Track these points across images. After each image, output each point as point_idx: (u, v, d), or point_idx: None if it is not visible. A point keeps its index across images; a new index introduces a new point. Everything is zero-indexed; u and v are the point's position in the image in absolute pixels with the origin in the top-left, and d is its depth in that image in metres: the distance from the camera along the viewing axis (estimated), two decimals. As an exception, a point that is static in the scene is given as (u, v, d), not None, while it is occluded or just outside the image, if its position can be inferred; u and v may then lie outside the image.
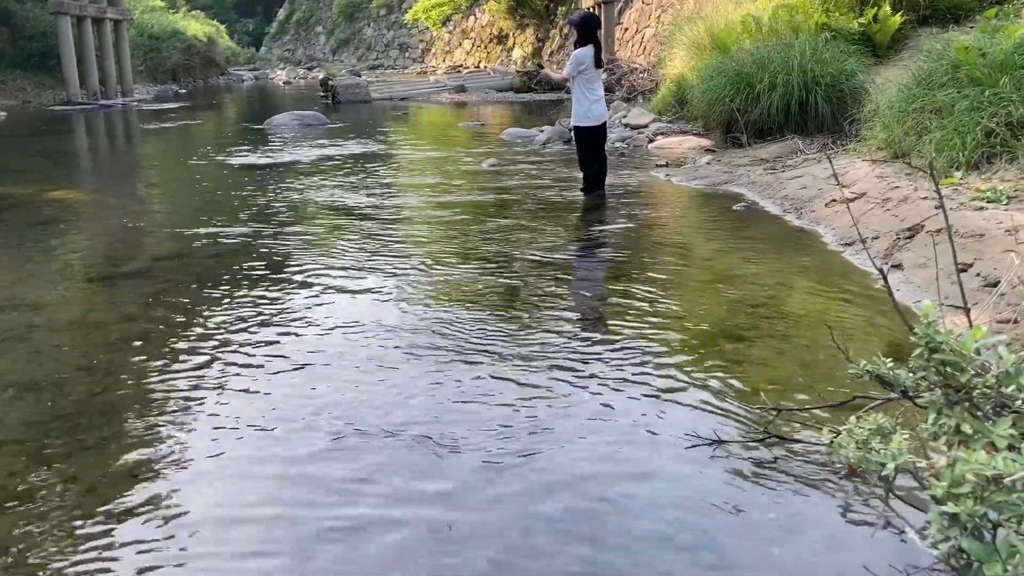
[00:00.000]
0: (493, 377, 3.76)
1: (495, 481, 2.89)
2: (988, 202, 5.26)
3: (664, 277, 5.40)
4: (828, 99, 9.11)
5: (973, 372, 1.79)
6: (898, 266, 5.07)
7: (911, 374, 2.03)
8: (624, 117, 13.97)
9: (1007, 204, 5.15)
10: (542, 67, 9.94)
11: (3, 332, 4.60)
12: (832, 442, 2.26)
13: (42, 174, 11.14)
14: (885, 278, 2.37)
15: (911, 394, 2.20)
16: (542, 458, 3.04)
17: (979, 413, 1.91)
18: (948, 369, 1.81)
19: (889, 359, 2.31)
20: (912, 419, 2.47)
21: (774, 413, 3.17)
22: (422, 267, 5.79)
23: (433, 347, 4.15)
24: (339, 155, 12.17)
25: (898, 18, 9.79)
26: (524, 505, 2.75)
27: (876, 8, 9.93)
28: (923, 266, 4.87)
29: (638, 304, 4.77)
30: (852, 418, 2.36)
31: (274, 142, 14.14)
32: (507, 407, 3.46)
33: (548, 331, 4.35)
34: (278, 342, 4.32)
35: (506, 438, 3.19)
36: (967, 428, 1.77)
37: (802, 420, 3.20)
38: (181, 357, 4.14)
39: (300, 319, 4.68)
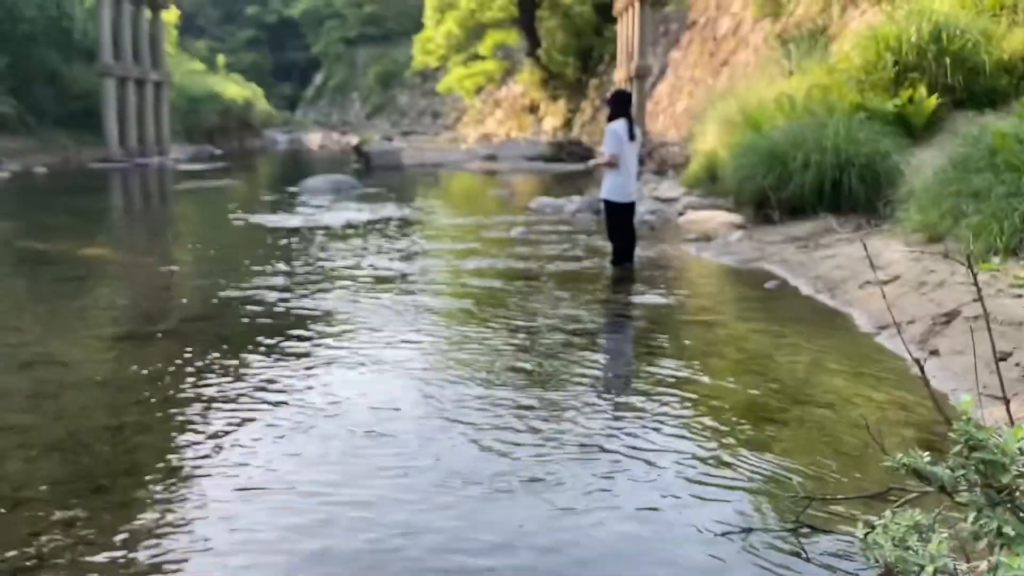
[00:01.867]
0: (514, 457, 3.69)
1: (517, 552, 2.81)
2: (1027, 289, 5.17)
3: (693, 355, 5.34)
4: (862, 179, 9.10)
5: (1016, 472, 1.72)
6: (934, 352, 4.97)
7: (950, 470, 1.96)
8: (655, 190, 14.05)
9: (1047, 292, 5.06)
10: (588, 159, 10.06)
11: (33, 389, 4.61)
12: (867, 536, 2.18)
13: (78, 230, 11.35)
14: (921, 368, 2.31)
15: (949, 490, 2.12)
16: (565, 540, 2.96)
17: (1022, 514, 1.83)
18: (989, 468, 1.74)
19: (926, 452, 2.24)
20: (950, 515, 2.38)
21: (806, 502, 3.07)
22: (449, 336, 5.77)
23: (456, 422, 4.10)
24: (370, 219, 12.30)
25: (933, 100, 9.82)
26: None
27: (911, 90, 9.98)
28: (960, 353, 4.77)
29: (666, 382, 4.71)
30: (887, 512, 2.27)
31: (307, 205, 14.34)
32: (532, 483, 3.39)
33: (574, 408, 4.29)
34: (302, 409, 4.28)
35: (528, 520, 3.12)
36: (1010, 530, 1.69)
37: (834, 511, 3.10)
38: (207, 420, 4.11)
39: (325, 386, 4.65)
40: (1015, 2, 10.80)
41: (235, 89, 41.07)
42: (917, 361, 2.48)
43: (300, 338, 5.65)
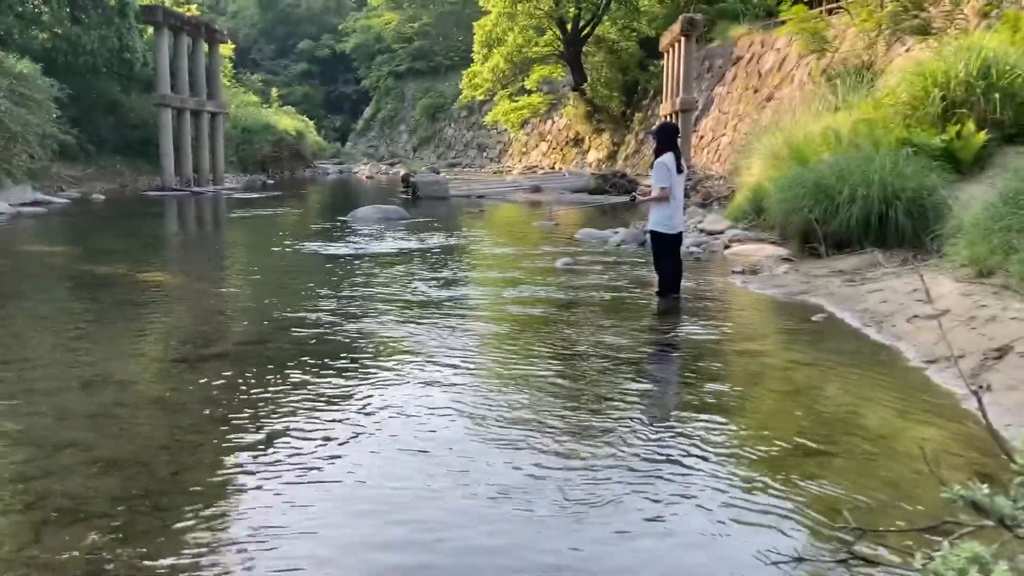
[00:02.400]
0: (564, 481, 3.73)
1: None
2: (1081, 325, 5.10)
3: (740, 385, 5.34)
4: (909, 213, 9.03)
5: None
6: (986, 387, 4.92)
7: (1012, 502, 1.97)
8: (700, 222, 14.04)
9: (1102, 328, 4.99)
10: (635, 198, 10.15)
11: (92, 407, 4.77)
12: (925, 567, 2.18)
13: (135, 255, 11.66)
14: (979, 400, 2.32)
15: (1009, 523, 2.12)
16: (622, 566, 2.99)
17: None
18: (1051, 500, 1.75)
19: (984, 484, 2.24)
20: (1008, 548, 2.37)
21: (858, 533, 3.07)
22: (494, 364, 5.84)
23: (505, 445, 4.15)
24: (417, 248, 12.47)
25: (982, 136, 9.73)
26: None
27: (959, 125, 9.90)
28: (1014, 388, 4.71)
29: (713, 411, 4.72)
30: (945, 544, 2.28)
31: (356, 233, 14.57)
32: (577, 513, 3.43)
33: (620, 437, 4.32)
34: (354, 430, 4.37)
35: (584, 543, 3.16)
36: (1073, 563, 1.70)
37: (885, 543, 3.09)
38: (259, 441, 4.22)
39: (375, 409, 4.74)
40: (1067, 37, 10.69)
41: (288, 121, 41.96)
42: (975, 393, 2.49)
43: (350, 361, 5.76)
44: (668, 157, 7.93)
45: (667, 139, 8.12)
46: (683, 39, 24.22)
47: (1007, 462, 2.53)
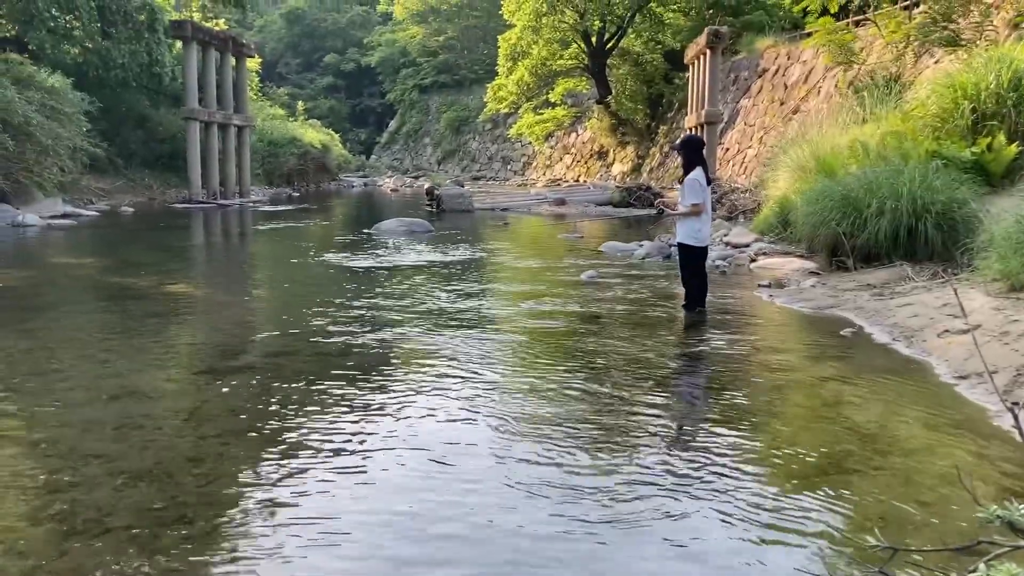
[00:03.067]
0: (583, 502, 3.70)
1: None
2: (1118, 341, 5.00)
3: (769, 400, 5.28)
4: (938, 227, 8.92)
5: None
6: (1019, 403, 4.82)
7: (1051, 524, 1.91)
8: (725, 236, 13.96)
9: None
10: (663, 211, 10.15)
11: (119, 419, 4.79)
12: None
13: (162, 267, 11.77)
14: (1016, 418, 2.27)
15: (1047, 545, 2.07)
16: (642, 583, 2.96)
17: None
18: (1094, 522, 1.70)
19: (1022, 505, 2.19)
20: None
21: (890, 552, 3.01)
22: (520, 377, 5.81)
23: (523, 461, 4.13)
24: (441, 261, 12.49)
25: (1014, 148, 9.61)
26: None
27: (990, 137, 9.79)
28: (1047, 405, 4.62)
29: (742, 426, 4.67)
30: (981, 565, 2.23)
31: (381, 246, 14.63)
32: (600, 532, 3.39)
33: (647, 452, 4.28)
34: (380, 442, 4.37)
35: (614, 561, 3.12)
36: (1116, 588, 1.65)
37: (917, 561, 3.03)
38: (284, 452, 4.22)
39: (401, 422, 4.73)
40: (1100, 49, 10.55)
41: (313, 134, 42.31)
42: (1011, 410, 2.43)
43: (375, 373, 5.77)
44: (699, 172, 7.92)
45: (697, 153, 8.09)
46: (708, 51, 24.18)
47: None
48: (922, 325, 6.86)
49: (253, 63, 37.76)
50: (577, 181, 41.04)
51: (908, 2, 17.00)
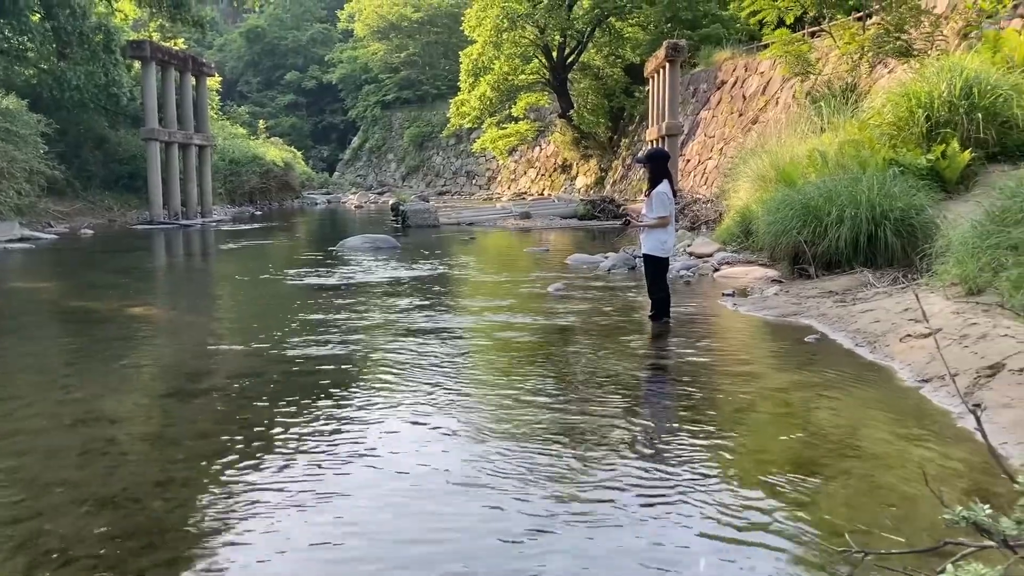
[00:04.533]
0: (551, 513, 3.71)
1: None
2: (1073, 341, 5.12)
3: (736, 409, 5.33)
4: (897, 233, 9.09)
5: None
6: (980, 405, 4.91)
7: (1015, 523, 1.95)
8: (688, 246, 14.08)
9: (1093, 344, 5.00)
10: (628, 222, 10.23)
11: (83, 445, 4.71)
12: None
13: (124, 290, 11.61)
14: (979, 420, 2.31)
15: (1012, 544, 2.11)
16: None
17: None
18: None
19: (986, 505, 2.23)
20: (1013, 569, 2.35)
21: (859, 557, 3.05)
22: (489, 393, 5.81)
23: (493, 476, 4.12)
24: (408, 277, 12.45)
25: (967, 155, 9.82)
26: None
27: (944, 145, 9.99)
28: (1007, 406, 4.72)
29: (710, 436, 4.70)
30: (948, 566, 2.26)
31: (346, 263, 14.55)
32: (573, 545, 3.40)
33: (615, 465, 4.30)
34: (348, 464, 4.34)
35: None
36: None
37: (888, 565, 3.07)
38: (254, 475, 4.18)
39: (369, 441, 4.71)
40: (1047, 57, 10.83)
41: (275, 152, 42.04)
42: (974, 412, 2.48)
43: (342, 393, 5.73)
44: (666, 185, 8.03)
45: (661, 166, 8.18)
46: (667, 65, 24.44)
47: (1005, 481, 2.52)
48: (884, 330, 6.97)
49: (213, 82, 37.49)
50: (542, 195, 41.21)
51: (862, 13, 17.33)
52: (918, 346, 6.23)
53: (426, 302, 9.94)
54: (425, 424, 4.99)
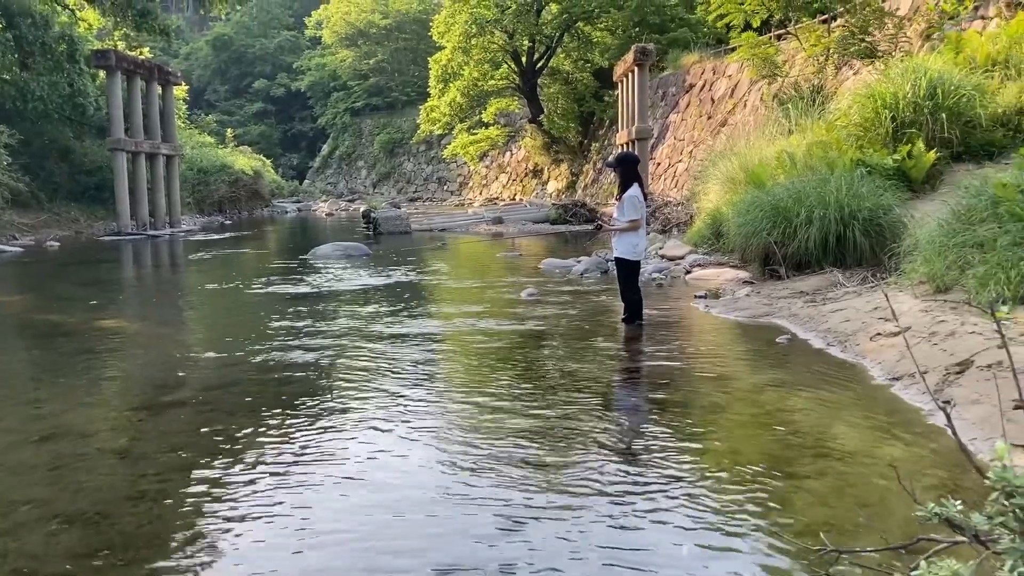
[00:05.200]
0: (526, 518, 3.69)
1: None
2: (1038, 337, 5.19)
3: (709, 410, 5.35)
4: (866, 232, 9.19)
5: (1054, 518, 1.73)
6: (949, 401, 4.97)
7: (987, 519, 1.97)
8: (660, 249, 14.15)
9: (1058, 339, 5.08)
10: (601, 226, 10.22)
11: (51, 461, 4.63)
12: (903, 588, 2.17)
13: (93, 302, 11.44)
14: (948, 417, 2.33)
15: (984, 539, 2.12)
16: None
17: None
18: (1027, 515, 1.76)
19: (958, 501, 2.25)
20: (985, 565, 2.37)
21: (835, 556, 3.06)
22: (464, 400, 5.79)
23: (468, 485, 4.11)
24: (380, 284, 12.40)
25: (932, 154, 9.96)
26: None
27: (910, 145, 10.13)
28: (976, 402, 4.77)
29: (684, 438, 4.72)
30: (922, 562, 2.27)
31: (317, 272, 14.46)
32: (548, 548, 3.38)
33: (590, 468, 4.29)
34: (322, 474, 4.30)
35: (557, 578, 3.12)
36: (1052, 578, 1.70)
37: (862, 562, 3.09)
38: (225, 488, 4.12)
39: (343, 451, 4.67)
40: (1006, 58, 11.01)
41: (244, 161, 41.72)
42: (943, 409, 2.50)
43: (314, 403, 5.68)
44: (637, 189, 8.06)
45: (632, 170, 8.22)
46: (636, 68, 24.57)
47: (975, 476, 2.54)
48: (854, 329, 7.03)
49: (180, 91, 37.10)
50: (513, 199, 41.23)
51: (826, 16, 17.53)
52: (888, 344, 6.29)
53: (398, 309, 9.90)
54: (398, 432, 4.95)
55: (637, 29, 31.83)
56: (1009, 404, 4.09)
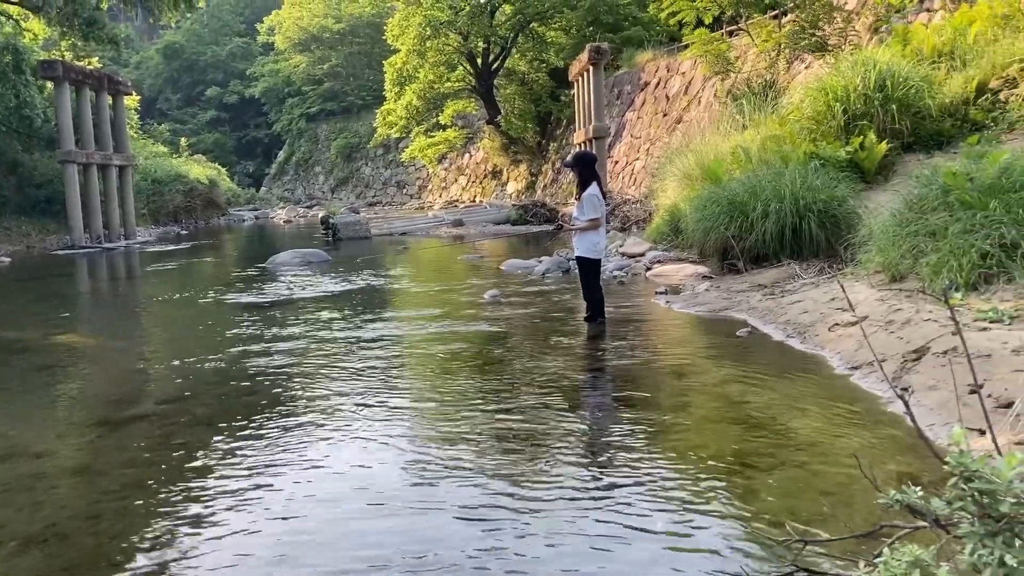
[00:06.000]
0: (495, 518, 3.68)
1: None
2: (991, 322, 5.30)
3: (672, 406, 5.38)
4: (821, 224, 9.32)
5: (1013, 500, 1.76)
6: (907, 389, 5.05)
7: (946, 503, 2.00)
8: (620, 246, 14.22)
9: (1010, 324, 5.19)
10: (561, 226, 10.20)
11: (6, 481, 4.53)
12: (868, 574, 2.19)
13: (46, 318, 11.22)
14: (906, 403, 2.36)
15: (944, 523, 2.15)
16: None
17: (1019, 543, 1.87)
18: (986, 498, 1.78)
19: (918, 487, 2.28)
20: (946, 549, 2.41)
21: (800, 545, 3.09)
22: (428, 405, 5.77)
23: (439, 492, 4.09)
24: (340, 290, 12.30)
25: (884, 146, 10.12)
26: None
27: (862, 136, 10.28)
28: (933, 388, 4.86)
29: (648, 434, 4.74)
30: (885, 549, 2.30)
31: (276, 280, 14.30)
32: (519, 547, 3.38)
33: (558, 466, 4.29)
34: (285, 486, 4.25)
35: (526, 579, 3.11)
36: (1012, 560, 1.72)
37: (827, 551, 3.13)
38: (187, 503, 4.06)
39: (306, 461, 4.62)
40: (952, 49, 11.23)
41: (199, 169, 41.16)
42: (901, 397, 2.53)
43: (277, 413, 5.61)
44: (595, 188, 8.07)
45: (589, 169, 8.23)
46: (591, 68, 24.66)
47: (934, 462, 2.58)
48: (813, 320, 7.12)
49: (131, 101, 36.50)
50: (473, 201, 41.16)
51: (777, 12, 17.76)
52: (846, 334, 6.38)
53: (360, 315, 9.83)
54: (362, 447, 4.91)
55: (591, 28, 31.97)
56: (965, 389, 4.16)
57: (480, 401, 5.65)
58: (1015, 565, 1.71)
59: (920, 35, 11.87)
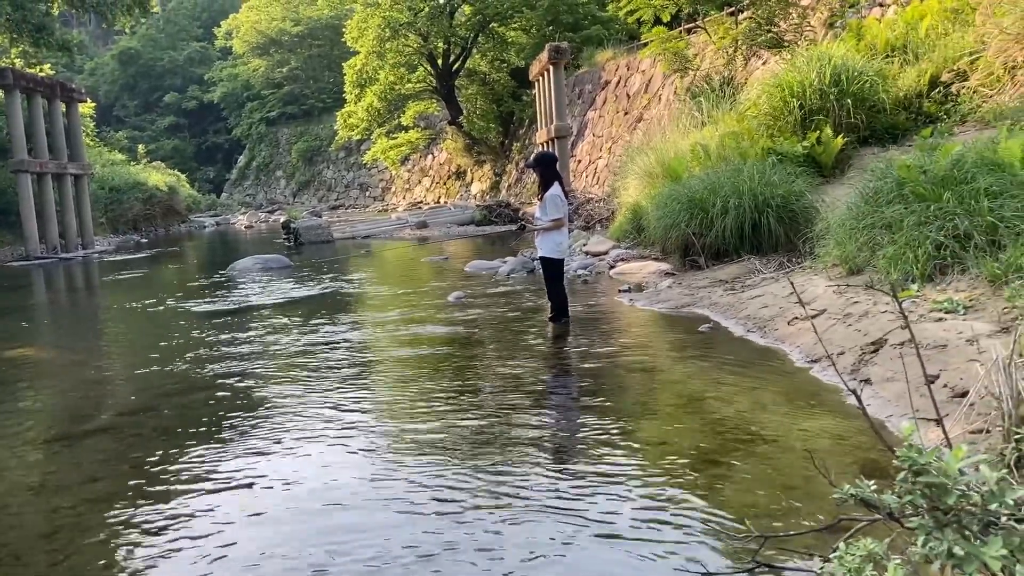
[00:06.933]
0: (461, 520, 3.67)
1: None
2: (946, 313, 5.38)
3: (636, 403, 5.40)
4: (780, 219, 9.41)
5: (959, 493, 1.78)
6: (866, 380, 5.11)
7: (897, 497, 2.02)
8: (584, 245, 14.25)
9: (964, 314, 5.27)
10: (524, 226, 10.18)
11: (-41, 501, 4.42)
12: (823, 570, 2.21)
13: (2, 331, 10.99)
14: (859, 398, 2.39)
15: (897, 516, 2.18)
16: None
17: (967, 533, 1.89)
18: (934, 491, 1.80)
19: (871, 481, 2.30)
20: (900, 540, 2.44)
21: (760, 541, 3.11)
22: (391, 407, 5.73)
23: (403, 494, 4.06)
24: (303, 296, 12.20)
25: (840, 140, 10.24)
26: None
27: (818, 131, 10.40)
28: (891, 380, 4.92)
29: (612, 432, 4.74)
30: (840, 544, 2.32)
31: (238, 287, 14.15)
32: (487, 544, 3.36)
33: (520, 465, 4.29)
34: (247, 499, 4.19)
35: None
36: (960, 551, 1.74)
37: (788, 546, 3.15)
38: (147, 518, 3.99)
39: (270, 471, 4.56)
40: (904, 44, 11.40)
41: (157, 176, 40.61)
42: (854, 392, 2.56)
43: (240, 422, 5.55)
44: (557, 188, 8.10)
45: (550, 169, 8.24)
46: (551, 67, 24.70)
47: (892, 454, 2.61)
48: (773, 315, 7.19)
49: (86, 108, 35.96)
50: (437, 203, 41.08)
51: (734, 8, 17.90)
52: (806, 328, 6.44)
53: (322, 321, 9.75)
54: (327, 456, 4.86)
55: (551, 28, 32.02)
56: (919, 381, 4.22)
57: (442, 403, 5.62)
58: (963, 555, 1.72)
59: (874, 30, 12.02)
